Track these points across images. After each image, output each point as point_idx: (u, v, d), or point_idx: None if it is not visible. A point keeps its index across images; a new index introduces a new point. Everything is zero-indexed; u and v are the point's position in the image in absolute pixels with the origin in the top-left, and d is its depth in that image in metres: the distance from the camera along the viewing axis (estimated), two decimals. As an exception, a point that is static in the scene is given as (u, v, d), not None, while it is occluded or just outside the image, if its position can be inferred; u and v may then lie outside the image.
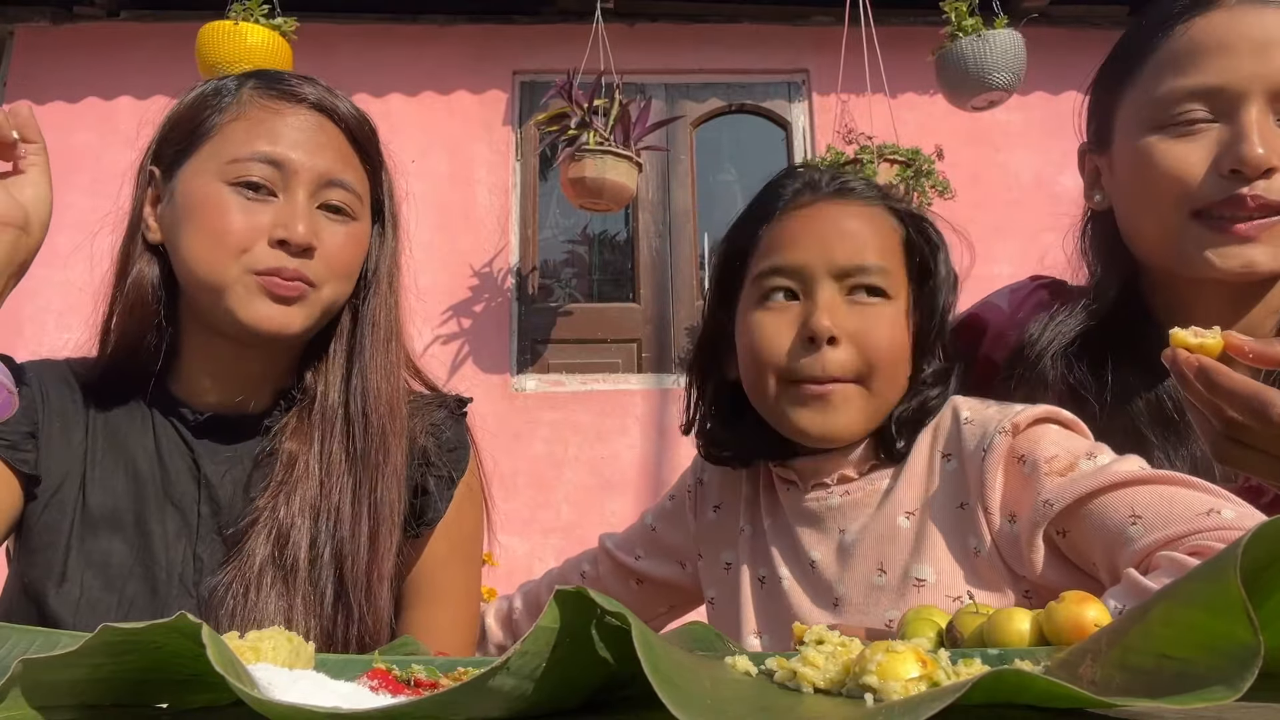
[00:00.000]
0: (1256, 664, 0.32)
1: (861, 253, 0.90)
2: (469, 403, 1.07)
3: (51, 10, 3.95)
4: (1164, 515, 0.74)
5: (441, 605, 1.01)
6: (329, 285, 0.92)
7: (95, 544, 0.90)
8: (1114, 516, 0.77)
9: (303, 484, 0.91)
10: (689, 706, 0.33)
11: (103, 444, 0.93)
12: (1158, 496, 0.76)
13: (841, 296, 0.90)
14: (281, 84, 0.94)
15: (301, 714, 0.36)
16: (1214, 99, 0.88)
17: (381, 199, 1.00)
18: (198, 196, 0.89)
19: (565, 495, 3.67)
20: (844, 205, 0.94)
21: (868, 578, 0.90)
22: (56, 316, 3.30)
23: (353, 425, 0.93)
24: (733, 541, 1.03)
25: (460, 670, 0.52)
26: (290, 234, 0.88)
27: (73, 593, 0.88)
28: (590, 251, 4.13)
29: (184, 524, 0.92)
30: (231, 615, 0.86)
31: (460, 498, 1.01)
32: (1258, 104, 0.86)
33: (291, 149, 0.90)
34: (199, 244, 0.88)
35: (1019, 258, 3.95)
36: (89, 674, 0.42)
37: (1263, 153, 0.84)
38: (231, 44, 3.19)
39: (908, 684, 0.40)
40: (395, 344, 0.98)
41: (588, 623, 0.40)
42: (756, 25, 4.13)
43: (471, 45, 4.08)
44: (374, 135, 0.98)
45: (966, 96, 3.28)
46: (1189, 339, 0.70)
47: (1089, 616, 0.54)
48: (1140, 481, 0.78)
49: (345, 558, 0.90)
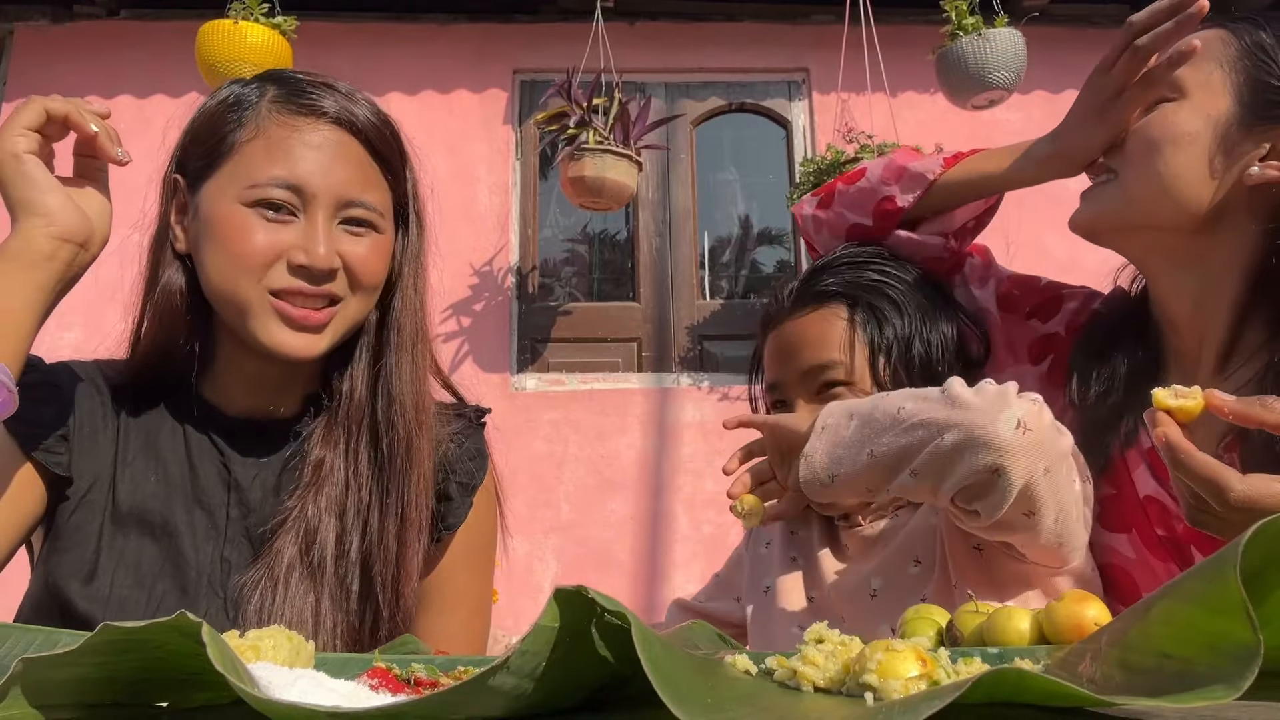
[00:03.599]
0: (1256, 663, 0.32)
1: (821, 355, 1.03)
2: (487, 413, 1.08)
3: (51, 9, 3.94)
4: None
5: (455, 611, 1.02)
6: (354, 301, 0.92)
7: (125, 543, 0.90)
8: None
9: (329, 484, 0.91)
10: (689, 706, 0.33)
11: (133, 446, 0.93)
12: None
13: (813, 396, 1.03)
14: (301, 97, 0.92)
15: (301, 713, 0.36)
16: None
17: (406, 202, 0.99)
18: (219, 217, 0.89)
19: (565, 494, 3.67)
20: (799, 318, 1.07)
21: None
22: (57, 316, 3.28)
23: (379, 429, 0.93)
24: (775, 570, 1.10)
25: (460, 669, 0.52)
26: (311, 259, 0.87)
27: (102, 590, 0.87)
28: (590, 250, 4.13)
29: (212, 526, 0.92)
30: (259, 612, 0.86)
31: (478, 506, 1.02)
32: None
33: (310, 174, 0.89)
34: (221, 263, 0.88)
35: (1019, 257, 3.95)
36: (89, 673, 0.42)
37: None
38: (231, 43, 3.19)
39: (907, 683, 0.40)
40: (420, 346, 0.98)
41: (588, 622, 0.40)
42: (756, 24, 4.13)
43: (471, 44, 4.08)
44: (395, 140, 0.97)
45: (967, 95, 3.28)
46: (1168, 400, 0.71)
47: (1089, 616, 0.54)
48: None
49: (374, 561, 0.90)
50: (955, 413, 0.78)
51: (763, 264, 4.17)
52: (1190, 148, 0.90)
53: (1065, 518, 0.82)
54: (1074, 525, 0.83)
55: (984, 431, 0.76)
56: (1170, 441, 0.70)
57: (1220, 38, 0.92)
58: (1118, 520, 0.96)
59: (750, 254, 4.17)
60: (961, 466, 0.78)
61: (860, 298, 1.05)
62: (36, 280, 0.80)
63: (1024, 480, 0.77)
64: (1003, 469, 0.76)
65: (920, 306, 1.05)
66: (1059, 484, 0.79)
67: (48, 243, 0.80)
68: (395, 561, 0.91)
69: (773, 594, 1.08)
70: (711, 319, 3.95)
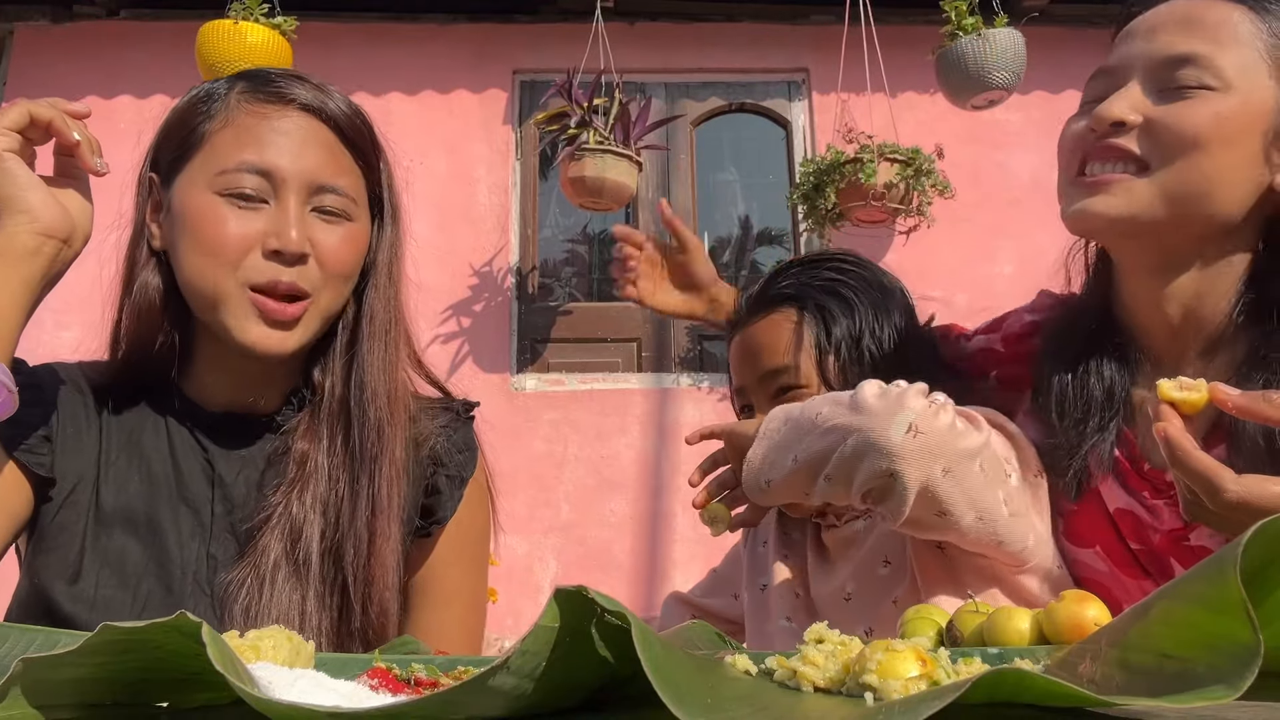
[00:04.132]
0: (1256, 663, 0.32)
1: (773, 360, 1.05)
2: (476, 406, 1.08)
3: (51, 9, 3.94)
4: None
5: (448, 607, 1.02)
6: (326, 291, 0.91)
7: (110, 543, 0.90)
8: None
9: (314, 480, 0.91)
10: (689, 706, 0.33)
11: (116, 446, 0.93)
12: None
13: (772, 400, 1.03)
14: (269, 86, 0.92)
15: (301, 713, 0.36)
16: (1112, 78, 0.89)
17: (380, 192, 0.99)
18: (191, 209, 0.89)
19: (565, 494, 3.66)
20: (754, 323, 1.08)
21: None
22: (56, 316, 3.29)
23: (351, 419, 0.93)
24: (769, 569, 1.11)
25: (460, 669, 0.52)
26: (283, 243, 0.87)
27: (87, 591, 0.88)
28: (590, 250, 4.13)
29: (198, 523, 0.92)
30: (246, 610, 0.86)
31: (469, 500, 1.02)
32: (1138, 79, 0.87)
33: (279, 157, 0.89)
34: (195, 257, 0.88)
35: (1019, 257, 3.97)
36: (89, 673, 0.42)
37: (1115, 111, 0.86)
38: (231, 43, 3.19)
39: (907, 683, 0.40)
40: (394, 336, 0.98)
41: (588, 622, 0.40)
42: (756, 24, 4.12)
43: (471, 44, 4.08)
44: (367, 130, 0.97)
45: (966, 95, 3.28)
46: (1173, 392, 0.71)
47: (1089, 616, 0.54)
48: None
49: (345, 552, 0.90)
50: (856, 418, 0.81)
51: (763, 264, 4.17)
52: (1239, 146, 0.83)
53: (990, 516, 0.82)
54: (1007, 523, 0.84)
55: (877, 437, 0.79)
56: (1170, 437, 0.69)
57: (1245, 17, 0.84)
58: (1084, 534, 0.93)
59: (750, 254, 4.17)
60: (862, 471, 0.80)
61: (810, 299, 1.06)
62: (22, 275, 0.81)
63: (920, 482, 0.78)
64: (897, 473, 0.78)
65: (874, 303, 1.06)
66: (968, 484, 0.80)
67: (31, 239, 0.81)
68: (367, 551, 0.90)
69: (768, 592, 1.09)
70: (711, 319, 3.95)
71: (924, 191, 3.36)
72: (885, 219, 3.42)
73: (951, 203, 3.48)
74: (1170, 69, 0.85)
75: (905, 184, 3.33)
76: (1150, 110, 0.86)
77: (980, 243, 3.84)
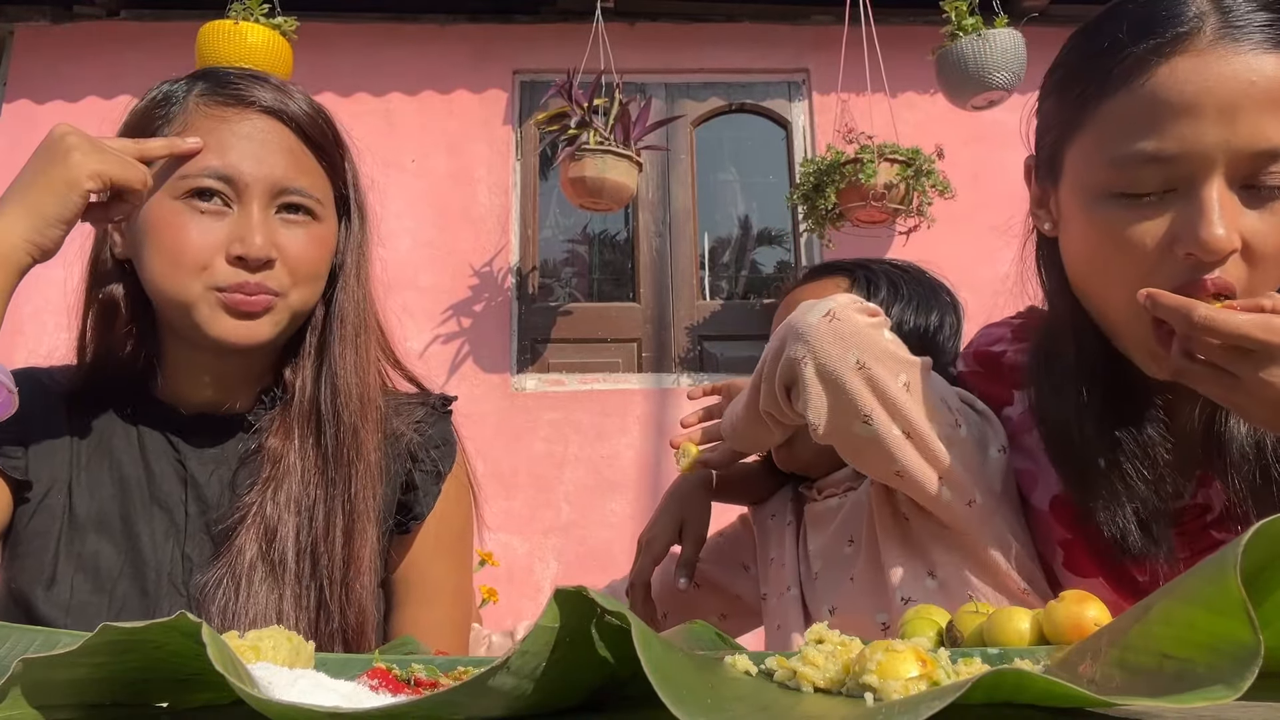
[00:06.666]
0: (1256, 664, 0.32)
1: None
2: (453, 400, 1.07)
3: (51, 10, 3.94)
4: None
5: (432, 604, 1.01)
6: (295, 291, 0.91)
7: (84, 547, 0.90)
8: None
9: (287, 479, 0.91)
10: (689, 706, 0.33)
11: (87, 450, 0.93)
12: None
13: None
14: (228, 88, 0.91)
15: (301, 713, 0.36)
16: (1174, 166, 0.75)
17: (345, 192, 0.99)
18: (153, 216, 0.88)
19: (565, 495, 3.66)
20: (806, 285, 1.17)
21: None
22: (56, 316, 3.29)
23: (323, 422, 0.93)
24: (775, 540, 1.16)
25: (460, 670, 0.52)
26: (247, 249, 0.87)
27: (62, 595, 0.88)
28: (590, 251, 4.13)
29: (171, 525, 0.92)
30: (223, 611, 0.86)
31: (448, 494, 1.01)
32: (1219, 175, 0.74)
33: (241, 161, 0.88)
34: (159, 264, 0.88)
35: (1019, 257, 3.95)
36: (89, 673, 0.42)
37: (1223, 234, 0.73)
38: (231, 44, 3.19)
39: (907, 683, 0.40)
40: (365, 338, 0.97)
41: (588, 622, 0.40)
42: (756, 24, 4.12)
43: (471, 45, 4.08)
44: (330, 129, 0.96)
45: (967, 96, 3.28)
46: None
47: (1089, 616, 0.54)
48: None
49: (320, 555, 0.90)
50: (789, 319, 0.86)
51: (763, 264, 4.17)
52: None
53: (921, 438, 0.82)
54: (935, 452, 0.84)
55: (797, 322, 0.83)
56: (1149, 291, 0.73)
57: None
58: (1084, 567, 0.91)
59: (750, 254, 4.17)
60: (783, 361, 0.84)
61: (862, 271, 1.14)
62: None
63: (830, 366, 0.80)
64: (806, 356, 0.82)
65: (919, 295, 1.12)
66: (885, 387, 0.81)
67: (23, 250, 0.82)
68: (343, 554, 0.90)
69: (776, 564, 1.13)
70: (711, 319, 3.94)
71: (924, 192, 3.36)
72: (885, 219, 3.42)
73: (951, 203, 3.48)
74: (1259, 164, 0.74)
75: (905, 184, 3.33)
76: (1243, 224, 0.75)
77: (980, 243, 3.83)
